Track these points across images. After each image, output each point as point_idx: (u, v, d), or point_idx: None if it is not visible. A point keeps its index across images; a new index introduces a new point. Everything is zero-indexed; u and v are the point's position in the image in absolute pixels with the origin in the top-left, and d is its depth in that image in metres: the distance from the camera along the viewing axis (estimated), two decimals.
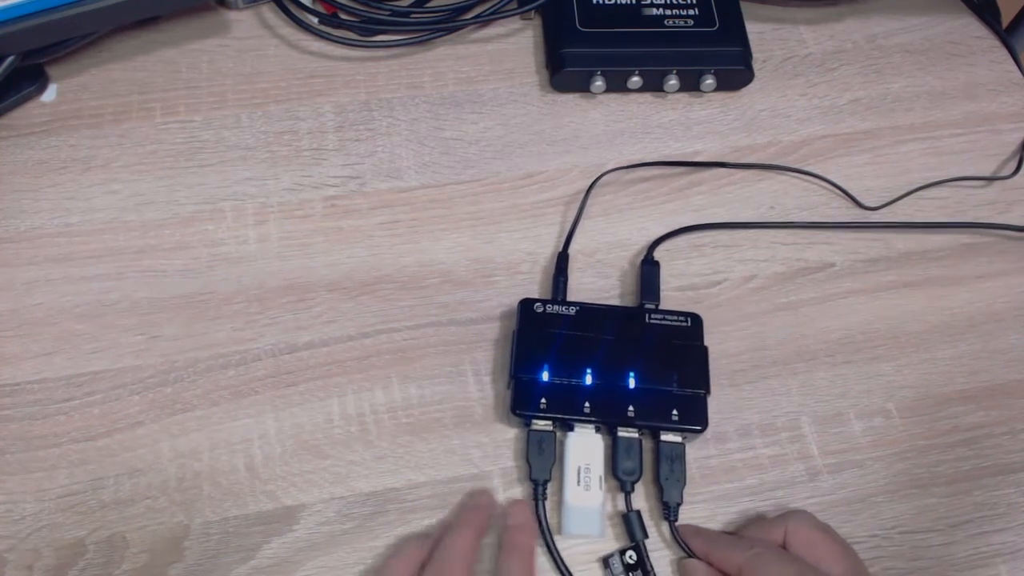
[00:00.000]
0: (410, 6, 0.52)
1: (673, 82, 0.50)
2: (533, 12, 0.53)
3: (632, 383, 0.40)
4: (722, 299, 0.45)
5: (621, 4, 0.51)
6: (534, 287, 0.45)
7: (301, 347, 0.42)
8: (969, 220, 0.48)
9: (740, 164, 0.49)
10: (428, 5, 0.52)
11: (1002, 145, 0.51)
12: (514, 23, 0.54)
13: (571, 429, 0.39)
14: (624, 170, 0.48)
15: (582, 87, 0.50)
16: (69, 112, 0.48)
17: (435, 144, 0.49)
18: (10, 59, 0.44)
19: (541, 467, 0.39)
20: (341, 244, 0.45)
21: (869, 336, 0.44)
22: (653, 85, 0.50)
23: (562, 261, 0.44)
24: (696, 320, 0.42)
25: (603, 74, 0.49)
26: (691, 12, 0.51)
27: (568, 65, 0.49)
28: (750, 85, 0.52)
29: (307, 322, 0.43)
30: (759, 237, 0.47)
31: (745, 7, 0.52)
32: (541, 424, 0.39)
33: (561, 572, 0.38)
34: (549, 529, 0.38)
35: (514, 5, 0.52)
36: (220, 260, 0.44)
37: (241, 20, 0.52)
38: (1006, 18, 0.59)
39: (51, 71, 0.49)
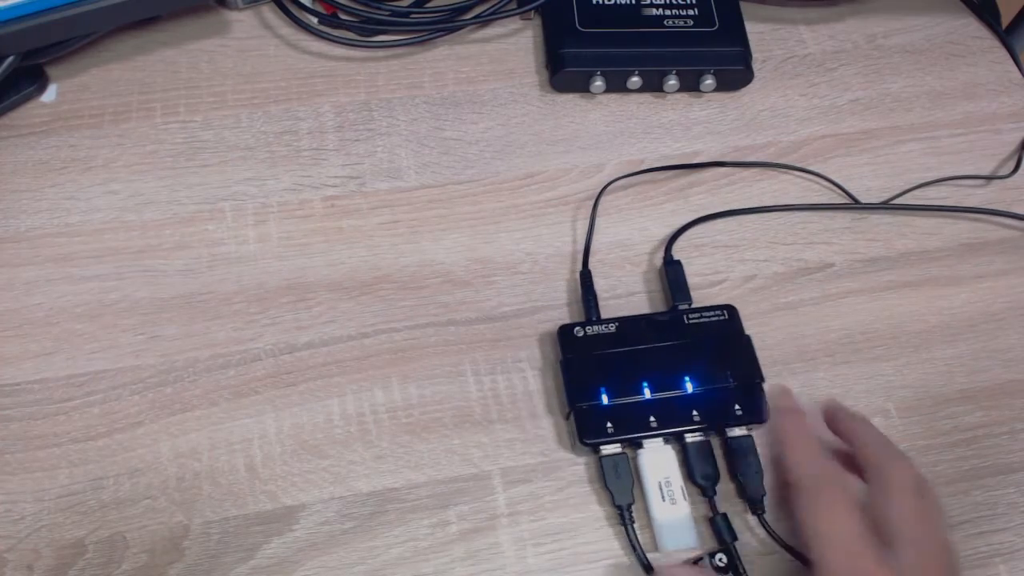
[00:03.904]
0: (410, 6, 0.52)
1: (673, 82, 0.50)
2: (533, 12, 0.53)
3: (690, 387, 0.40)
4: (722, 299, 0.45)
5: (621, 4, 0.51)
6: (534, 287, 0.45)
7: (301, 347, 0.42)
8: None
9: (739, 163, 0.49)
10: (428, 5, 0.52)
11: (1002, 145, 0.51)
12: (514, 23, 0.54)
13: (639, 446, 0.39)
14: (624, 177, 0.48)
15: (582, 87, 0.50)
16: (69, 112, 0.48)
17: (435, 144, 0.49)
18: (10, 59, 0.44)
19: (622, 491, 0.39)
20: (341, 244, 0.45)
21: (869, 336, 0.44)
22: (653, 85, 0.50)
23: (586, 279, 0.44)
24: (732, 311, 0.42)
25: (603, 74, 0.49)
26: (691, 12, 0.51)
27: (568, 65, 0.49)
28: (750, 85, 0.52)
29: (307, 322, 0.43)
30: (759, 237, 0.47)
31: (745, 7, 0.52)
32: (611, 448, 0.39)
33: None
34: (643, 551, 0.38)
35: (514, 5, 0.52)
36: (220, 260, 0.44)
37: (241, 20, 0.52)
38: (1006, 18, 0.59)
39: (51, 71, 0.49)
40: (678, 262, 0.45)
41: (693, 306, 0.43)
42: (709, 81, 0.50)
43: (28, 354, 0.41)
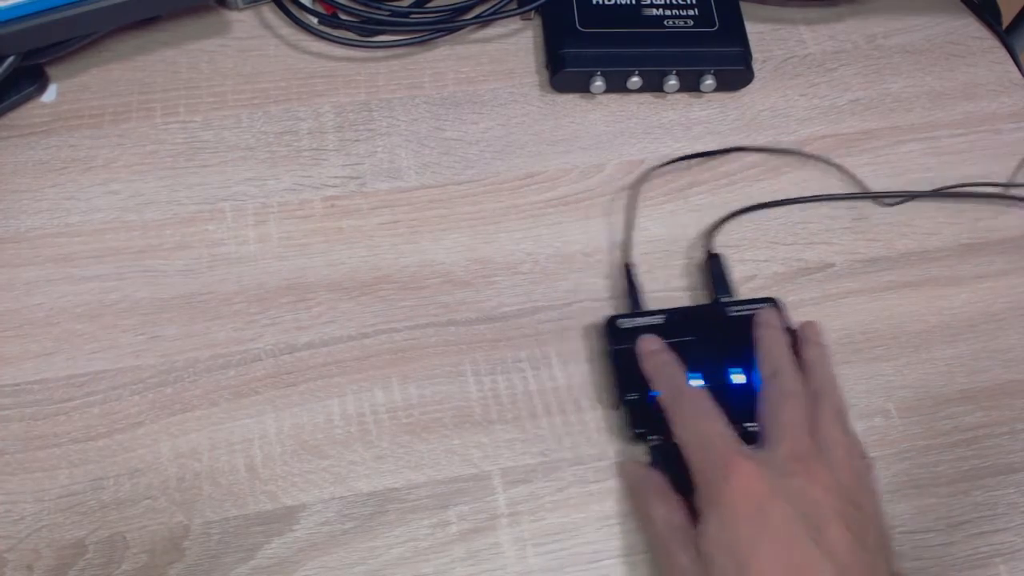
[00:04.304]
0: (410, 6, 0.52)
1: (673, 82, 0.50)
2: (533, 12, 0.53)
3: (738, 378, 0.40)
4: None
5: (621, 4, 0.51)
6: (534, 287, 0.45)
7: (301, 347, 0.42)
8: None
9: (765, 148, 0.49)
10: (428, 5, 0.52)
11: (1002, 145, 0.51)
12: (514, 23, 0.54)
13: None
14: (658, 168, 0.48)
15: (582, 87, 0.50)
16: (69, 112, 0.48)
17: (435, 144, 0.49)
18: (10, 59, 0.44)
19: (674, 481, 0.39)
20: (341, 244, 0.45)
21: (869, 336, 0.44)
22: (653, 85, 0.51)
23: (630, 272, 0.44)
24: (776, 304, 0.42)
25: (603, 74, 0.49)
26: (691, 12, 0.51)
27: (568, 65, 0.49)
28: (750, 85, 0.52)
29: (307, 322, 0.43)
30: (759, 237, 0.47)
31: (745, 7, 0.52)
32: (661, 439, 0.39)
33: None
34: None
35: (514, 5, 0.52)
36: (220, 260, 0.44)
37: (241, 20, 0.52)
38: (1006, 18, 0.59)
39: (51, 71, 0.49)
40: (718, 256, 0.45)
41: (736, 299, 0.43)
42: (709, 81, 0.50)
43: (28, 354, 0.41)
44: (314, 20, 0.52)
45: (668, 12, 0.51)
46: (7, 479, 0.39)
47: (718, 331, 0.41)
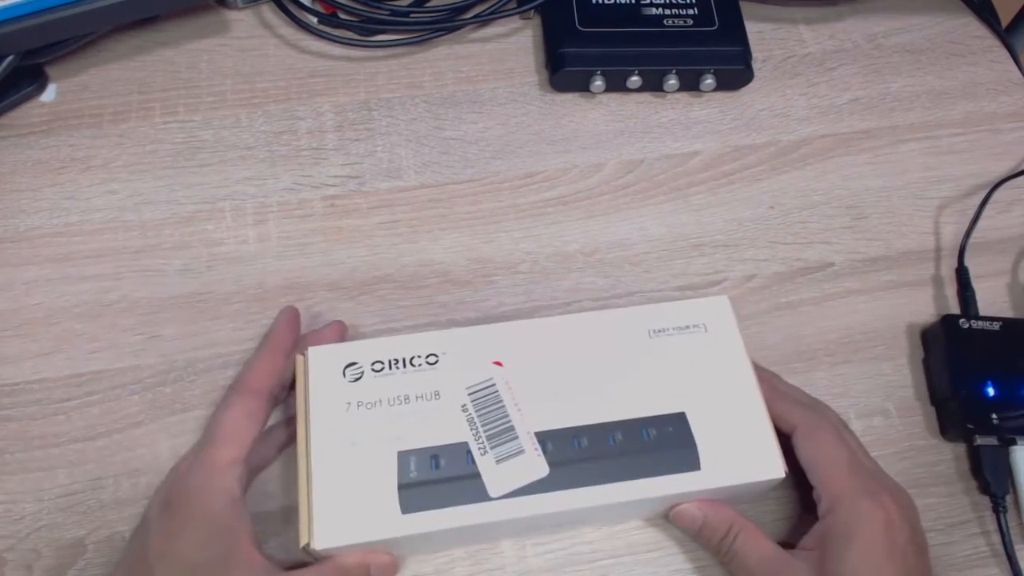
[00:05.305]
0: (409, 6, 0.52)
1: (673, 82, 0.50)
2: (532, 12, 0.53)
3: None
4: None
5: (621, 4, 0.51)
6: (534, 287, 0.45)
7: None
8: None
9: None
10: (428, 5, 0.52)
11: (1002, 145, 0.51)
12: (514, 23, 0.54)
13: (1013, 443, 0.40)
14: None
15: (582, 87, 0.50)
16: (69, 112, 0.48)
17: (435, 144, 0.49)
18: (10, 59, 0.44)
19: (998, 481, 0.39)
20: (341, 244, 0.45)
21: (869, 336, 0.44)
22: (653, 85, 0.50)
23: (964, 276, 0.45)
24: None
25: (603, 74, 0.49)
26: (690, 12, 0.51)
27: (568, 65, 0.49)
28: (749, 85, 0.52)
29: (307, 322, 0.43)
30: (759, 237, 0.47)
31: (745, 7, 0.52)
32: (989, 439, 0.40)
33: None
34: (1011, 540, 0.39)
35: (513, 5, 0.52)
36: (220, 260, 0.44)
37: (241, 20, 0.52)
38: (1005, 18, 0.59)
39: (51, 71, 0.49)
40: None
41: None
42: (709, 81, 0.50)
43: (28, 354, 0.41)
44: (314, 20, 0.52)
45: (668, 11, 0.51)
46: (7, 478, 0.39)
47: None
